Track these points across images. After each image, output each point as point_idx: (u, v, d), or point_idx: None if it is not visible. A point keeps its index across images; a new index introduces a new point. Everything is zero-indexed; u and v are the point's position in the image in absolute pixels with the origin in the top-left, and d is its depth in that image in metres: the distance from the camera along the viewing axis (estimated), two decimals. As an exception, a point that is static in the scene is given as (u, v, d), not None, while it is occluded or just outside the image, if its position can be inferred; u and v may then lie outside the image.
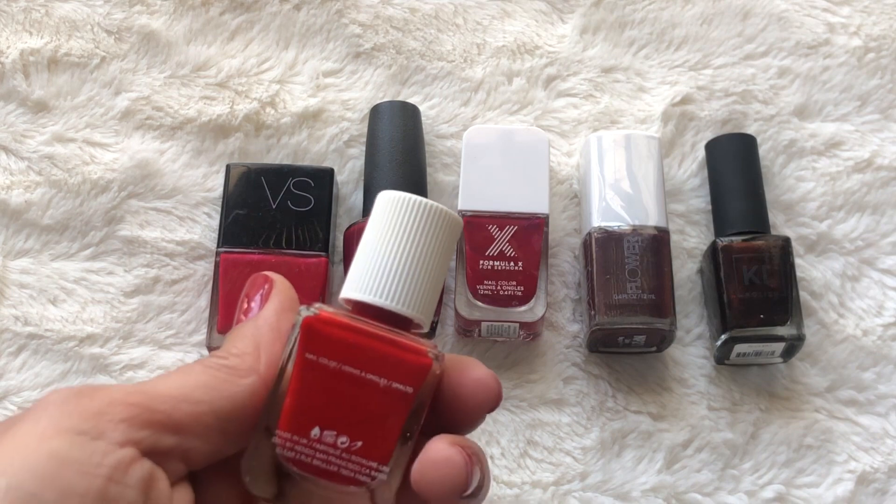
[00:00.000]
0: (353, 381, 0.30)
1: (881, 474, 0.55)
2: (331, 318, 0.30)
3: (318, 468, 0.30)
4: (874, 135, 0.63)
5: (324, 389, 0.30)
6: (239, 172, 0.58)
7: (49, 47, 0.63)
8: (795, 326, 0.54)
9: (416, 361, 0.30)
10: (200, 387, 0.30)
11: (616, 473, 0.54)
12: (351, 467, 0.30)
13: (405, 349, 0.30)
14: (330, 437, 0.30)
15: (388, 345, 0.30)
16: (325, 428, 0.30)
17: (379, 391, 0.30)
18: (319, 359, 0.30)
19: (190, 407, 0.29)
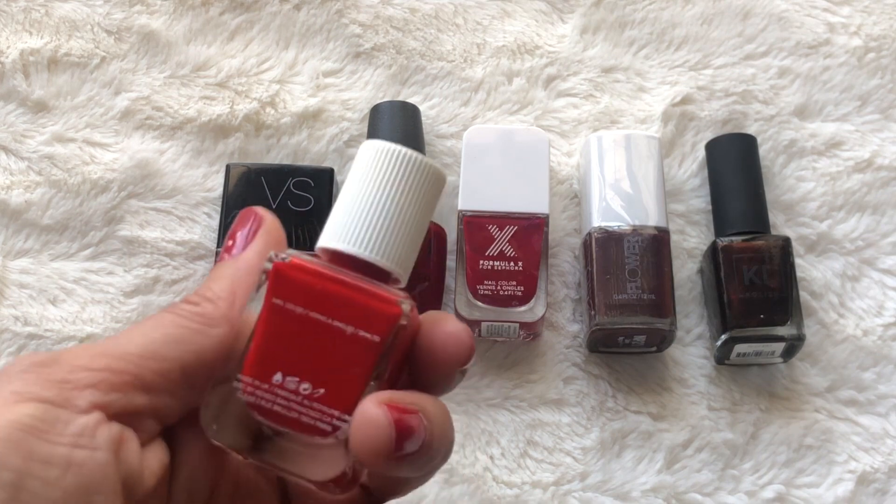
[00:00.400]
0: (319, 328, 0.29)
1: (881, 474, 0.55)
2: (301, 264, 0.30)
3: (278, 414, 0.29)
4: (874, 135, 0.63)
5: (289, 335, 0.29)
6: (239, 172, 0.58)
7: (49, 47, 0.63)
8: (795, 326, 0.54)
9: (384, 310, 0.29)
10: (168, 342, 0.29)
11: (616, 473, 0.54)
12: (312, 415, 0.29)
13: (374, 297, 0.29)
14: (292, 384, 0.29)
15: (357, 292, 0.29)
16: (287, 374, 0.29)
17: (345, 339, 0.29)
18: (286, 304, 0.29)
19: (157, 364, 0.28)
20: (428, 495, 0.53)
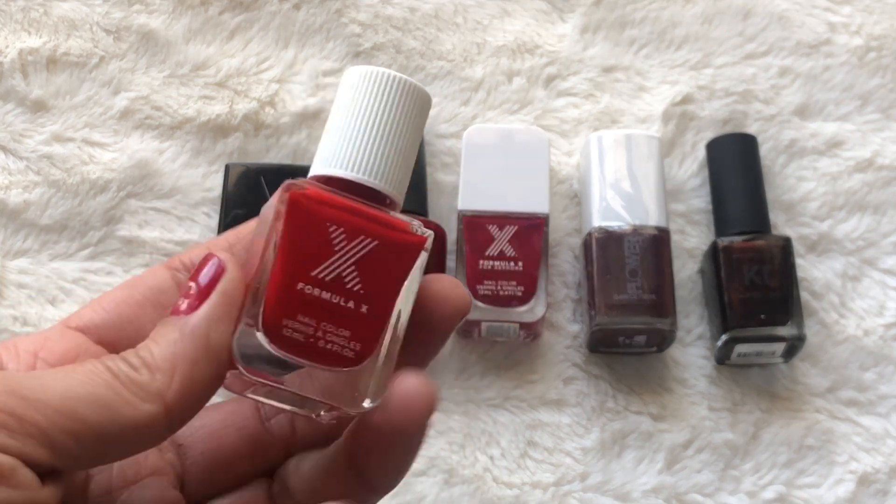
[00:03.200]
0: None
1: (882, 475, 0.55)
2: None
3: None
4: (875, 134, 0.63)
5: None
6: (238, 172, 0.57)
7: (48, 47, 0.63)
8: (796, 326, 0.54)
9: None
10: (92, 403, 0.25)
11: (616, 474, 0.54)
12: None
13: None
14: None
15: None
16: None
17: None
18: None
19: (70, 425, 0.24)
20: (428, 495, 0.53)
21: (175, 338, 0.27)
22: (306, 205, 0.28)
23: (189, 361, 0.26)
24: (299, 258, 0.28)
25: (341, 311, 0.28)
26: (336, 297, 0.28)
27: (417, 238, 0.29)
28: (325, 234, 0.28)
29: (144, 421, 0.25)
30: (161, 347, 0.26)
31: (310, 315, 0.28)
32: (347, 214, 0.29)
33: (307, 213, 0.28)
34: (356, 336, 0.29)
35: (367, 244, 0.29)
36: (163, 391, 0.26)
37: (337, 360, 0.28)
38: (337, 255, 0.29)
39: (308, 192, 0.29)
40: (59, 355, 0.28)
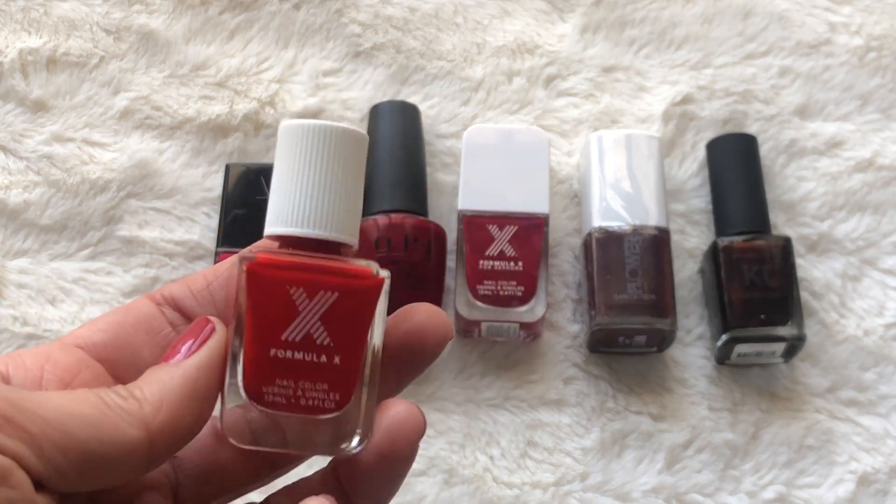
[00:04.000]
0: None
1: (882, 475, 0.55)
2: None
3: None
4: (875, 134, 0.63)
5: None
6: (238, 172, 0.57)
7: (48, 47, 0.63)
8: (796, 326, 0.54)
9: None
10: (82, 421, 0.26)
11: (616, 474, 0.54)
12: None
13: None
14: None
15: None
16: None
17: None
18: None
19: (60, 437, 0.26)
20: (428, 495, 0.53)
21: (165, 378, 0.29)
22: (263, 273, 0.29)
23: (176, 398, 0.28)
24: (267, 325, 0.29)
25: (316, 367, 0.30)
26: (308, 354, 0.30)
27: (376, 281, 0.30)
28: (286, 297, 0.29)
29: (128, 444, 0.27)
30: (151, 385, 0.28)
31: (287, 377, 0.30)
32: (304, 273, 0.29)
33: (266, 281, 0.29)
34: (334, 387, 0.30)
35: (328, 298, 0.30)
36: (148, 420, 0.27)
37: (321, 412, 0.30)
38: (302, 315, 0.30)
39: (261, 260, 0.29)
40: (63, 368, 0.29)
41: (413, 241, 0.53)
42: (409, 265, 0.53)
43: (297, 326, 0.30)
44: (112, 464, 0.27)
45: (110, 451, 0.27)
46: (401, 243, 0.53)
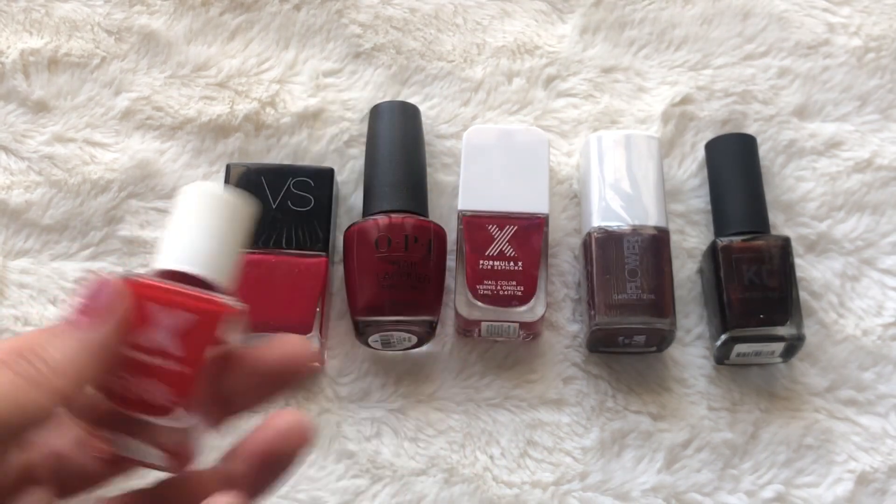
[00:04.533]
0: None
1: (881, 474, 0.55)
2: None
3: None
4: (874, 135, 0.63)
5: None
6: (239, 172, 0.58)
7: (49, 47, 0.63)
8: (795, 326, 0.54)
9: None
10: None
11: (616, 473, 0.54)
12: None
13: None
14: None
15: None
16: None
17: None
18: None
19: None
20: (428, 495, 0.54)
21: (77, 350, 0.32)
22: (133, 289, 0.35)
23: (80, 364, 0.31)
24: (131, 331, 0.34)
25: (162, 371, 0.35)
26: (159, 360, 0.35)
27: (225, 308, 0.35)
28: (146, 309, 0.35)
29: (42, 414, 0.30)
30: (65, 355, 0.31)
31: (140, 374, 0.35)
32: (166, 294, 0.35)
33: (134, 296, 0.35)
34: (174, 388, 0.35)
35: (181, 315, 0.35)
36: (56, 386, 0.31)
37: (158, 410, 0.34)
38: (158, 328, 0.35)
39: (131, 281, 0.35)
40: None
41: (413, 241, 0.54)
42: (409, 265, 0.53)
43: (151, 336, 0.35)
44: (14, 428, 0.30)
45: (21, 418, 0.29)
46: (401, 243, 0.53)
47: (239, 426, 0.36)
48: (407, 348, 0.56)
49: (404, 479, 0.54)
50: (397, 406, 0.56)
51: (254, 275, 0.54)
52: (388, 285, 0.53)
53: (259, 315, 0.53)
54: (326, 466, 0.54)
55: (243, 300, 0.43)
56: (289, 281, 0.54)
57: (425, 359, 0.57)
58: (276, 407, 0.41)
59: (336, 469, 0.54)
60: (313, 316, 0.53)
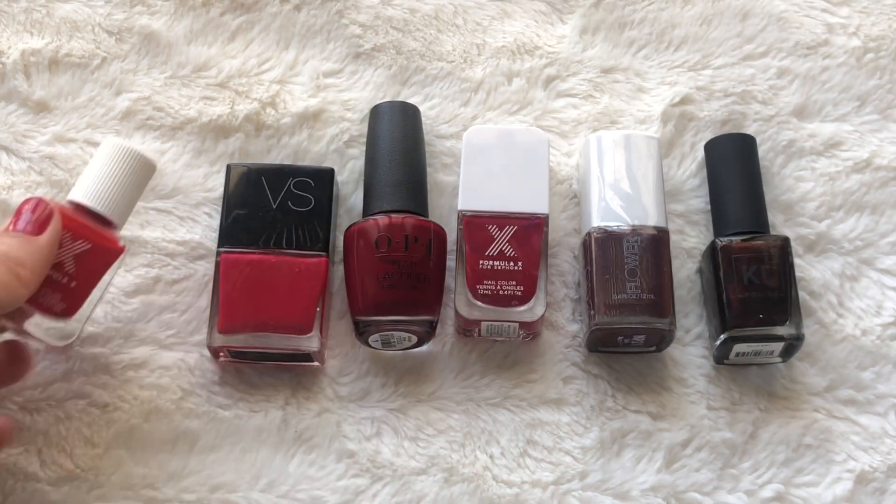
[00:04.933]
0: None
1: (880, 474, 0.55)
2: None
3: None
4: (873, 135, 0.63)
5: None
6: (239, 172, 0.58)
7: (50, 48, 0.63)
8: (794, 326, 0.54)
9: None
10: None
11: (615, 473, 0.55)
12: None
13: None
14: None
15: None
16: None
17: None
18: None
19: None
20: (428, 494, 0.54)
21: (39, 255, 0.47)
22: (57, 210, 0.48)
23: (44, 265, 0.47)
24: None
25: (60, 286, 0.49)
26: (59, 276, 0.49)
27: (117, 248, 0.50)
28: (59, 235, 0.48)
29: (17, 303, 0.46)
30: (33, 259, 0.46)
31: (44, 286, 0.48)
32: (77, 225, 0.49)
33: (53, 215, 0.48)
34: (67, 303, 0.49)
35: (83, 246, 0.49)
36: (31, 288, 0.47)
37: (49, 312, 0.49)
38: (63, 249, 0.48)
39: (55, 206, 0.48)
40: None
41: (413, 241, 0.54)
42: (409, 265, 0.53)
43: (61, 256, 0.48)
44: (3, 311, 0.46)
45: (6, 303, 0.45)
46: (401, 243, 0.53)
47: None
48: (407, 348, 0.56)
49: (404, 479, 0.54)
50: (397, 406, 0.56)
51: (254, 275, 0.54)
52: (388, 285, 0.53)
53: (259, 315, 0.53)
54: (326, 466, 0.54)
55: (244, 300, 0.52)
56: (289, 281, 0.54)
57: (425, 359, 0.57)
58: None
59: (336, 468, 0.54)
60: (313, 316, 0.54)
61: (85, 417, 0.55)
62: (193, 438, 0.54)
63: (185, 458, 0.54)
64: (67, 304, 0.49)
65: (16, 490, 0.53)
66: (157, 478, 0.53)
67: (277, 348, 0.54)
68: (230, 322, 0.53)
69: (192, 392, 0.55)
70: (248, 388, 0.56)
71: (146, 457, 0.54)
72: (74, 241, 0.49)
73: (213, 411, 0.55)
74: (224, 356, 0.55)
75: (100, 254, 0.50)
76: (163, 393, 0.55)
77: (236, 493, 0.53)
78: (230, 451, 0.54)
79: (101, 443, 0.54)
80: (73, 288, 0.49)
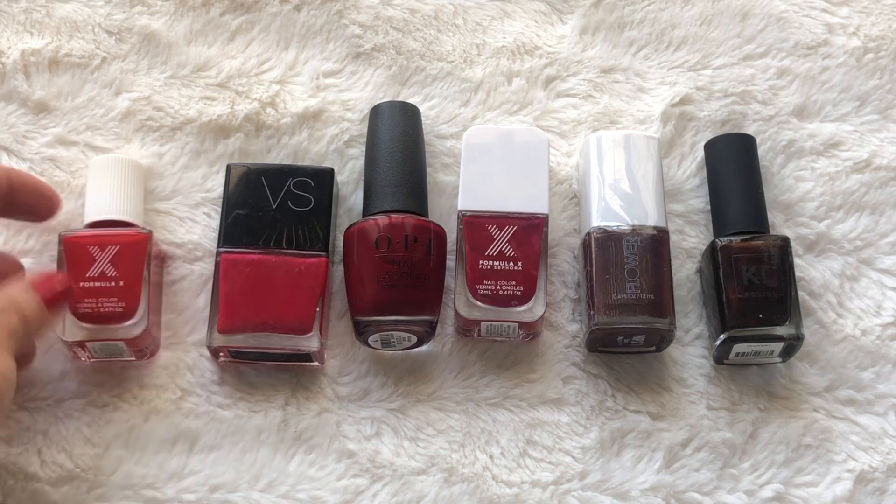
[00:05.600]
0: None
1: (880, 473, 0.55)
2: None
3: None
4: (873, 135, 0.63)
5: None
6: (239, 172, 0.58)
7: (50, 48, 0.63)
8: (794, 326, 0.54)
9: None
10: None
11: (615, 473, 0.55)
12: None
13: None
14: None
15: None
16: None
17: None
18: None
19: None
20: (428, 494, 0.54)
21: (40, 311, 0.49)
22: (76, 241, 0.54)
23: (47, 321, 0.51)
24: (79, 270, 0.53)
25: (110, 290, 0.53)
26: (104, 283, 0.53)
27: (142, 236, 0.55)
28: (87, 251, 0.54)
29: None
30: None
31: (93, 297, 0.53)
32: (99, 238, 0.54)
33: (78, 245, 0.54)
34: (124, 301, 0.53)
35: (113, 249, 0.54)
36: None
37: (111, 318, 0.53)
38: (98, 261, 0.53)
39: (69, 237, 0.54)
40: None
41: (413, 241, 0.54)
42: (409, 265, 0.53)
43: (95, 268, 0.53)
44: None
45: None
46: (401, 243, 0.53)
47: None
48: (407, 348, 0.56)
49: (404, 479, 0.54)
50: (397, 406, 0.56)
51: (254, 275, 0.54)
52: (388, 285, 0.53)
53: (259, 315, 0.53)
54: (326, 466, 0.54)
55: (244, 300, 0.54)
56: (289, 281, 0.54)
57: (425, 358, 0.57)
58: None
59: (336, 468, 0.54)
60: (313, 316, 0.54)
61: (85, 417, 0.55)
62: (193, 438, 0.54)
63: (184, 458, 0.54)
64: (125, 301, 0.53)
65: (15, 490, 0.53)
66: (157, 478, 0.53)
67: (277, 348, 0.54)
68: (230, 322, 0.53)
69: (192, 392, 0.56)
70: (248, 388, 0.56)
71: (146, 457, 0.54)
72: (103, 251, 0.53)
73: (213, 411, 0.55)
74: (224, 356, 0.55)
75: (129, 248, 0.54)
76: (162, 393, 0.55)
77: (236, 493, 0.53)
78: (230, 451, 0.54)
79: (100, 443, 0.54)
80: (123, 287, 0.53)
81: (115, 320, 0.53)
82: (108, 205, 0.56)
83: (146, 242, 0.54)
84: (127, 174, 0.57)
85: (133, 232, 0.55)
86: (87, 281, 0.53)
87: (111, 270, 0.53)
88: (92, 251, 0.53)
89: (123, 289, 0.53)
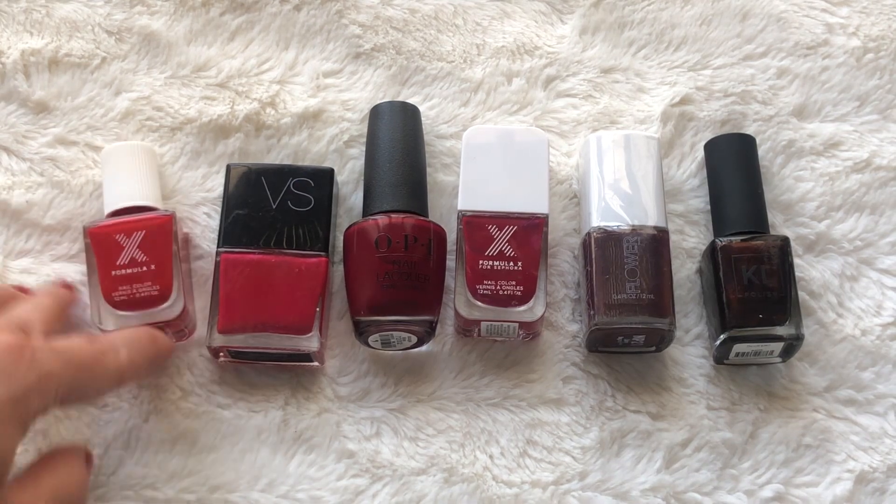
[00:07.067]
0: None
1: (880, 473, 0.55)
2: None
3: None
4: (873, 135, 0.63)
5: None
6: (239, 172, 0.58)
7: (50, 48, 0.63)
8: (794, 326, 0.54)
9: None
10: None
11: (615, 473, 0.55)
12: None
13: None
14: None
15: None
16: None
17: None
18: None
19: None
20: (428, 494, 0.54)
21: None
22: (102, 231, 0.54)
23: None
24: (108, 260, 0.54)
25: (143, 275, 0.53)
26: (136, 269, 0.53)
27: (166, 218, 0.55)
28: (114, 240, 0.54)
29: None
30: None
31: (126, 283, 0.53)
32: (124, 225, 0.54)
33: (102, 235, 0.54)
34: (157, 283, 0.53)
35: (140, 235, 0.54)
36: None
37: (148, 302, 0.53)
38: (126, 248, 0.54)
39: (94, 228, 0.54)
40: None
41: (413, 241, 0.54)
42: (409, 265, 0.53)
43: (125, 255, 0.54)
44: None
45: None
46: (401, 243, 0.53)
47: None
48: (407, 348, 0.56)
49: (404, 479, 0.54)
50: (397, 406, 0.56)
51: (254, 275, 0.54)
52: (388, 285, 0.53)
53: (259, 315, 0.53)
54: (326, 466, 0.54)
55: (243, 300, 0.54)
56: (289, 281, 0.54)
57: (425, 358, 0.57)
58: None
59: (336, 468, 0.54)
60: (313, 316, 0.54)
61: (85, 417, 0.55)
62: (193, 438, 0.54)
63: (184, 458, 0.54)
64: (159, 284, 0.53)
65: (16, 490, 0.53)
66: (157, 478, 0.53)
67: (277, 348, 0.54)
68: (230, 322, 0.53)
69: (192, 392, 0.56)
70: (248, 388, 0.56)
71: (146, 457, 0.54)
72: (130, 237, 0.53)
73: (213, 411, 0.55)
74: (224, 356, 0.55)
75: (154, 232, 0.54)
76: (162, 393, 0.55)
77: (236, 493, 0.53)
78: (230, 451, 0.54)
79: (100, 443, 0.54)
80: (154, 271, 0.53)
81: (152, 304, 0.53)
82: (127, 191, 0.56)
83: (171, 224, 0.54)
84: (142, 159, 0.57)
85: (157, 215, 0.55)
86: (118, 269, 0.53)
87: (141, 256, 0.53)
88: (119, 239, 0.53)
89: (155, 272, 0.53)
